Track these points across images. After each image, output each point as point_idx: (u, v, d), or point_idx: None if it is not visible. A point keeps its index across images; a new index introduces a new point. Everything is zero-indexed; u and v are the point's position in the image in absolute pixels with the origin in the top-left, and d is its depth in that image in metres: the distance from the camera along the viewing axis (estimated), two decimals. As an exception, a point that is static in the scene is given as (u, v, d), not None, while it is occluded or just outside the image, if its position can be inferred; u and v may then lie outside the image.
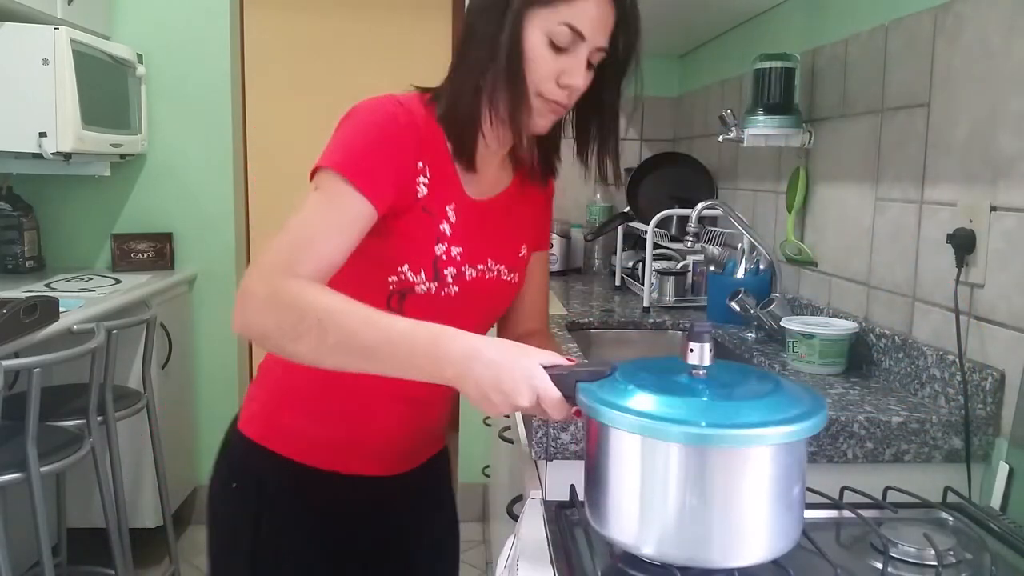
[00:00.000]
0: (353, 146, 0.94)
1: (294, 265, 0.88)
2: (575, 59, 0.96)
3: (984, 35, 1.14)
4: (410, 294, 1.00)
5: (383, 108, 0.97)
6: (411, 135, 0.97)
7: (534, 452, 1.12)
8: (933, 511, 0.97)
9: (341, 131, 0.97)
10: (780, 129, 1.66)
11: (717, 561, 0.74)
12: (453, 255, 1.02)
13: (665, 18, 2.15)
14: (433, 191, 1.00)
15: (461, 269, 1.03)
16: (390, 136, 0.95)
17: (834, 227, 1.60)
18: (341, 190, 0.92)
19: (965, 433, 1.12)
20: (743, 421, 0.71)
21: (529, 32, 0.94)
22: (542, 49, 0.95)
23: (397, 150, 0.96)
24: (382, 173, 0.94)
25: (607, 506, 0.78)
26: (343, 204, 0.92)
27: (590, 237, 2.65)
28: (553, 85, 0.96)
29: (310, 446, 1.08)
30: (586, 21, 0.94)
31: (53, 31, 2.23)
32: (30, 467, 1.77)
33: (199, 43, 2.83)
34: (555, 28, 0.94)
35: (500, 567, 0.94)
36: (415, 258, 0.99)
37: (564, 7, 0.93)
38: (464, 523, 1.43)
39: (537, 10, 0.94)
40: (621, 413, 0.73)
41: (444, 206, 1.01)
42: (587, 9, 0.94)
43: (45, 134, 2.23)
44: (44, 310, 1.89)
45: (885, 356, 1.36)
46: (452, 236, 1.02)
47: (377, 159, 0.94)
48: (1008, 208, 1.09)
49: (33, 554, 2.11)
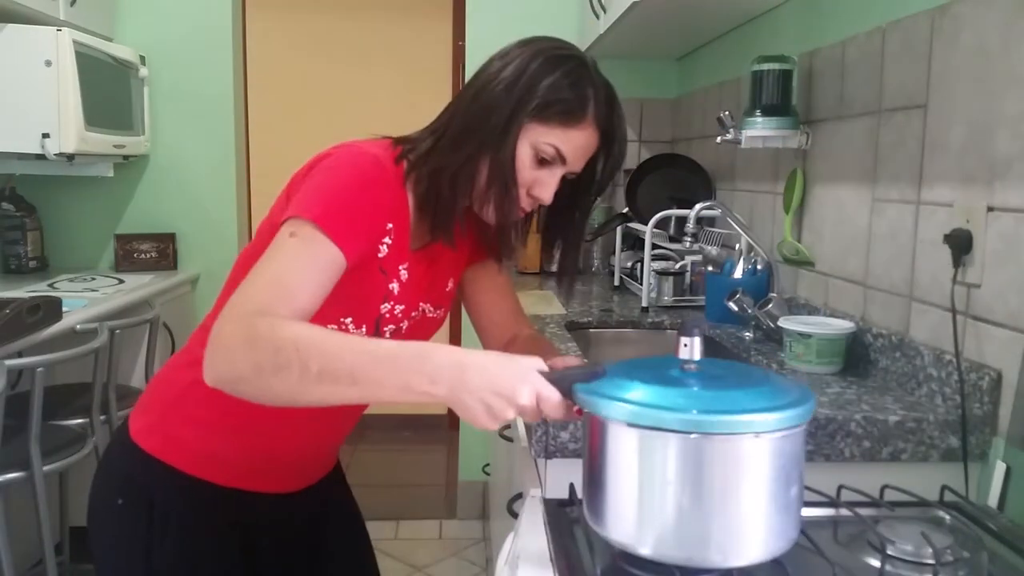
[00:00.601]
0: (334, 198, 0.93)
1: (268, 309, 0.84)
2: (551, 177, 1.00)
3: (981, 37, 1.15)
4: None
5: (363, 163, 0.96)
6: (387, 197, 0.98)
7: (534, 450, 1.13)
8: (930, 509, 0.98)
9: (320, 180, 0.95)
10: (777, 130, 1.67)
11: (716, 560, 0.75)
12: (396, 312, 1.03)
13: (664, 20, 2.15)
14: (392, 252, 1.00)
15: (399, 325, 1.05)
16: (369, 195, 0.95)
17: (831, 227, 1.60)
18: (317, 239, 0.90)
19: (962, 432, 1.12)
20: (735, 407, 0.72)
21: (520, 143, 0.97)
22: (527, 161, 0.98)
23: (373, 209, 0.96)
24: (358, 229, 0.94)
25: (606, 506, 0.79)
26: (319, 254, 0.90)
27: (589, 237, 2.66)
28: (524, 195, 1.00)
29: (208, 461, 1.05)
30: (572, 149, 0.98)
31: (56, 33, 2.24)
32: (33, 466, 1.78)
33: (202, 44, 2.84)
34: (543, 146, 0.97)
35: (500, 564, 0.95)
36: (359, 314, 0.99)
37: (559, 131, 0.97)
38: (464, 520, 1.44)
39: (534, 124, 0.97)
40: (618, 403, 0.74)
41: (398, 266, 1.02)
42: (577, 139, 0.98)
43: (48, 135, 2.24)
44: (47, 310, 1.90)
45: (882, 356, 1.37)
46: (399, 295, 1.02)
47: (355, 215, 0.93)
48: (1005, 208, 1.10)
49: (36, 552, 2.12)
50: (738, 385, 0.77)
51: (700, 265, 2.10)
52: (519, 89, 0.96)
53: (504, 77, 0.97)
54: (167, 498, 1.05)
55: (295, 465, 1.13)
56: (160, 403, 1.08)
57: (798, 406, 0.74)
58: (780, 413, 0.73)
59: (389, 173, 0.99)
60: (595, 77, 1.00)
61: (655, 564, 0.78)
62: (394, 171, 1.00)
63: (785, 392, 0.77)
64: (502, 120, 0.96)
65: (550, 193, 1.00)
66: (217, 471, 1.05)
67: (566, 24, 2.76)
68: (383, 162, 0.98)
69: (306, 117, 3.83)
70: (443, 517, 3.02)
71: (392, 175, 0.99)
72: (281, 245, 0.90)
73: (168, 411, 1.07)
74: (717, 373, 0.80)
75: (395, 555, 2.74)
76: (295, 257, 0.89)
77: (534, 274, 2.73)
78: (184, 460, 1.05)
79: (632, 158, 2.82)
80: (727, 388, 0.76)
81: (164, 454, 1.05)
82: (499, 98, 0.96)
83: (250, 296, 0.85)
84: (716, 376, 0.79)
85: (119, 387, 2.24)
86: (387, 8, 3.90)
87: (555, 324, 1.81)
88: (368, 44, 3.89)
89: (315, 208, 0.91)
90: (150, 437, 1.06)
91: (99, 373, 2.04)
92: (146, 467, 1.05)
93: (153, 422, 1.07)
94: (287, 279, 0.87)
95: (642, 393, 0.75)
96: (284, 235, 0.91)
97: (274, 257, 0.89)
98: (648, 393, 0.75)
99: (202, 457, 1.05)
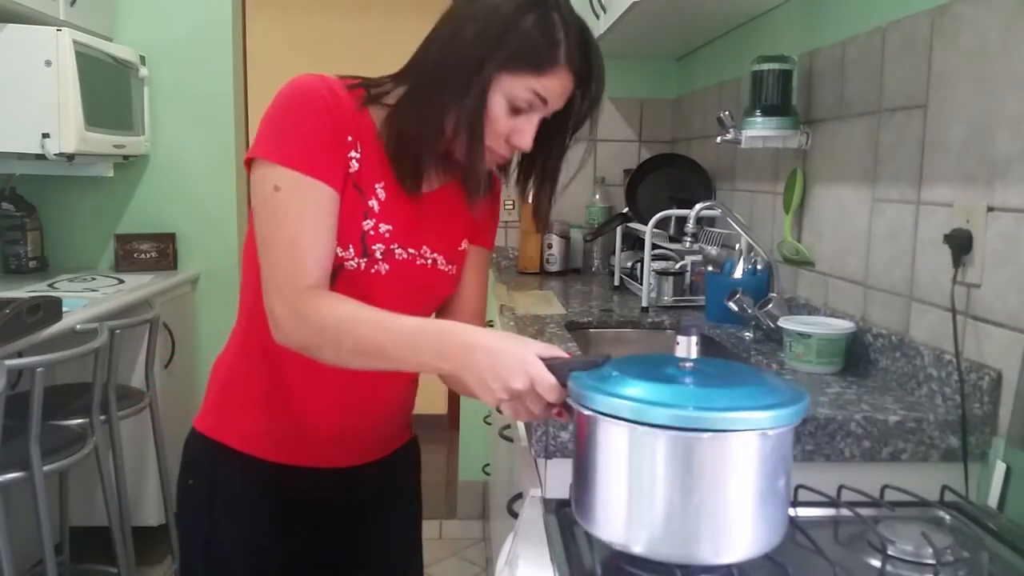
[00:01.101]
0: (295, 133, 0.94)
1: (299, 279, 0.92)
2: (529, 123, 0.99)
3: (982, 36, 1.15)
4: (340, 271, 1.00)
5: (309, 85, 0.96)
6: (337, 109, 0.97)
7: (534, 450, 1.13)
8: (931, 509, 0.98)
9: (275, 117, 0.96)
10: (778, 130, 1.67)
11: (707, 557, 0.75)
12: (381, 232, 1.02)
13: (663, 20, 2.15)
14: (364, 167, 1.00)
15: (390, 247, 1.03)
16: (322, 112, 0.95)
17: (831, 227, 1.60)
18: (304, 184, 0.93)
19: (962, 432, 1.12)
20: (729, 405, 0.73)
21: (492, 94, 0.96)
22: (501, 112, 0.97)
23: (331, 126, 0.96)
24: (328, 153, 0.96)
25: (596, 505, 0.79)
26: (312, 199, 0.94)
27: (589, 237, 2.66)
28: (503, 144, 1.00)
29: (257, 436, 1.08)
30: (550, 90, 0.97)
31: (56, 32, 2.24)
32: (33, 466, 1.78)
33: (201, 44, 2.84)
34: (519, 94, 0.96)
35: (500, 564, 0.95)
36: (343, 233, 0.99)
37: (531, 79, 0.95)
38: (464, 520, 1.43)
39: (505, 76, 0.95)
40: (610, 398, 0.75)
41: (374, 184, 1.02)
42: (550, 84, 0.96)
43: (48, 135, 2.24)
44: (47, 310, 1.90)
45: (882, 356, 1.37)
46: (380, 213, 1.02)
47: (320, 140, 0.95)
48: (1005, 208, 1.10)
49: (36, 552, 2.12)
50: (733, 384, 0.77)
51: (700, 265, 2.10)
52: (487, 41, 0.94)
53: (468, 32, 0.95)
54: (226, 477, 1.09)
55: (338, 435, 1.12)
56: (213, 386, 1.14)
57: (792, 405, 0.74)
58: (775, 411, 0.73)
59: (342, 96, 0.98)
60: (567, 18, 0.97)
61: (655, 564, 0.78)
62: (348, 96, 0.99)
63: (780, 391, 0.77)
64: (471, 75, 0.94)
65: (529, 140, 0.99)
66: (267, 447, 1.08)
67: (566, 24, 2.76)
68: (334, 86, 0.98)
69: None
70: (443, 517, 3.02)
71: (347, 99, 0.99)
72: (274, 203, 0.93)
73: (219, 392, 1.12)
74: (712, 372, 0.80)
75: (395, 555, 2.74)
76: (296, 214, 0.93)
77: (534, 274, 2.74)
78: (236, 438, 1.09)
79: (632, 158, 2.83)
80: (722, 386, 0.76)
81: (219, 433, 1.10)
82: (466, 53, 0.95)
83: (276, 267, 0.93)
84: (711, 374, 0.79)
85: (119, 387, 2.24)
86: (387, 8, 3.90)
87: (555, 324, 1.81)
88: (368, 44, 3.88)
89: (285, 147, 0.93)
90: (206, 418, 1.12)
91: (99, 373, 2.04)
92: (205, 449, 1.10)
93: (209, 405, 1.13)
94: (300, 240, 0.93)
95: (636, 388, 0.75)
96: (268, 189, 0.94)
97: (276, 220, 0.94)
98: (642, 388, 0.75)
99: (252, 434, 1.08)
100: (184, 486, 1.14)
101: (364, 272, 1.01)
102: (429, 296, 1.13)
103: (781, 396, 0.76)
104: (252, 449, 1.09)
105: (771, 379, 0.81)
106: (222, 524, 1.09)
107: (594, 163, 2.86)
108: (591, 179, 2.84)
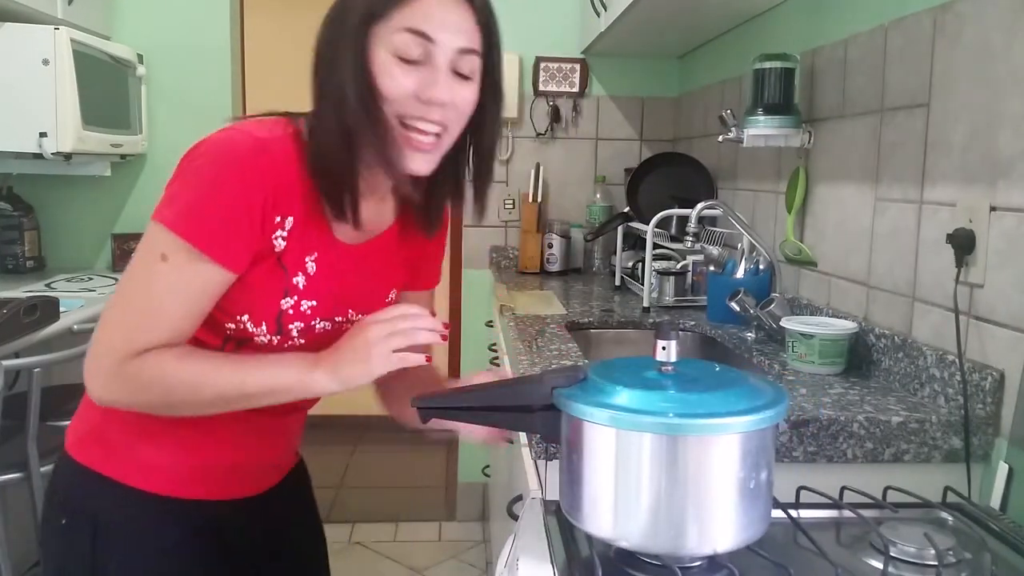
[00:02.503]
0: (200, 205, 0.84)
1: (142, 343, 0.85)
2: (432, 68, 0.85)
3: (984, 35, 1.14)
4: (248, 343, 0.93)
5: (233, 154, 0.85)
6: (265, 187, 0.86)
7: (533, 452, 1.13)
8: (933, 511, 0.97)
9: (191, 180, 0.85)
10: (780, 129, 1.66)
11: (692, 548, 0.76)
12: (303, 309, 0.94)
13: (665, 18, 2.15)
14: (293, 243, 0.90)
15: (310, 324, 0.95)
16: (241, 189, 0.84)
17: (834, 227, 1.60)
18: (195, 263, 0.84)
19: (965, 433, 1.12)
20: (709, 411, 0.74)
21: (374, 52, 0.85)
22: (391, 66, 0.85)
23: (249, 206, 0.85)
24: (238, 239, 0.85)
25: (583, 501, 0.80)
26: (199, 281, 0.85)
27: (590, 237, 2.65)
28: (413, 103, 0.86)
29: (147, 470, 0.96)
30: (428, 20, 0.84)
31: (53, 31, 2.23)
32: (31, 466, 1.77)
33: (200, 43, 2.83)
34: (398, 38, 0.84)
35: (500, 566, 0.94)
36: (257, 311, 0.91)
37: (399, 12, 0.84)
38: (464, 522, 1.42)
39: (376, 26, 0.85)
40: (596, 408, 0.76)
41: (304, 258, 0.92)
42: (425, 7, 0.84)
43: (45, 134, 2.23)
44: (45, 310, 1.89)
45: (885, 356, 1.36)
46: (305, 290, 0.93)
47: (231, 223, 0.84)
48: (1008, 208, 1.09)
49: (33, 553, 2.11)
50: (713, 387, 0.79)
51: (702, 265, 2.10)
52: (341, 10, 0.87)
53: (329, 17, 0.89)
54: (109, 513, 0.97)
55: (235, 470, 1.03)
56: (93, 411, 1.00)
57: (771, 408, 0.76)
58: (754, 415, 0.75)
59: (275, 154, 0.86)
60: None
61: (656, 566, 0.79)
62: (285, 152, 0.87)
63: (759, 393, 0.79)
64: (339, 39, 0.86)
65: (440, 87, 0.85)
66: (156, 480, 0.97)
67: (567, 22, 2.75)
68: (267, 145, 0.86)
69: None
70: (443, 519, 3.02)
71: (281, 157, 0.87)
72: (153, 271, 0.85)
73: (100, 420, 0.99)
74: (693, 375, 0.82)
75: (394, 557, 2.73)
76: (170, 293, 0.85)
77: (534, 274, 2.73)
78: (122, 470, 0.97)
79: (633, 157, 2.82)
80: (702, 391, 0.78)
81: (101, 465, 0.97)
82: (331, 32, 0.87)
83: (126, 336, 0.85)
84: (692, 378, 0.81)
85: (117, 387, 2.23)
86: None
87: (555, 324, 1.81)
88: (367, 43, 3.88)
89: (187, 221, 0.84)
90: (84, 448, 0.99)
91: (97, 373, 2.03)
92: (85, 481, 0.98)
93: (87, 433, 1.00)
94: (159, 319, 0.86)
95: (620, 396, 0.77)
96: (155, 253, 0.85)
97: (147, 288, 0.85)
98: (626, 396, 0.77)
99: (139, 466, 0.97)
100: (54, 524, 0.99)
101: (276, 347, 0.94)
102: None
103: (761, 398, 0.77)
104: (140, 483, 0.97)
105: (751, 380, 0.83)
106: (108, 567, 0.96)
107: (595, 162, 2.85)
108: (592, 178, 2.84)
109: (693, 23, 2.23)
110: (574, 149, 2.84)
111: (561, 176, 2.84)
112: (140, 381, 0.86)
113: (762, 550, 0.79)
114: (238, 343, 0.94)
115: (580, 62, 2.77)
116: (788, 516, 0.90)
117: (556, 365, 1.45)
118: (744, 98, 1.85)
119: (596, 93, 2.81)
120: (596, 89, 2.81)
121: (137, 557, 0.97)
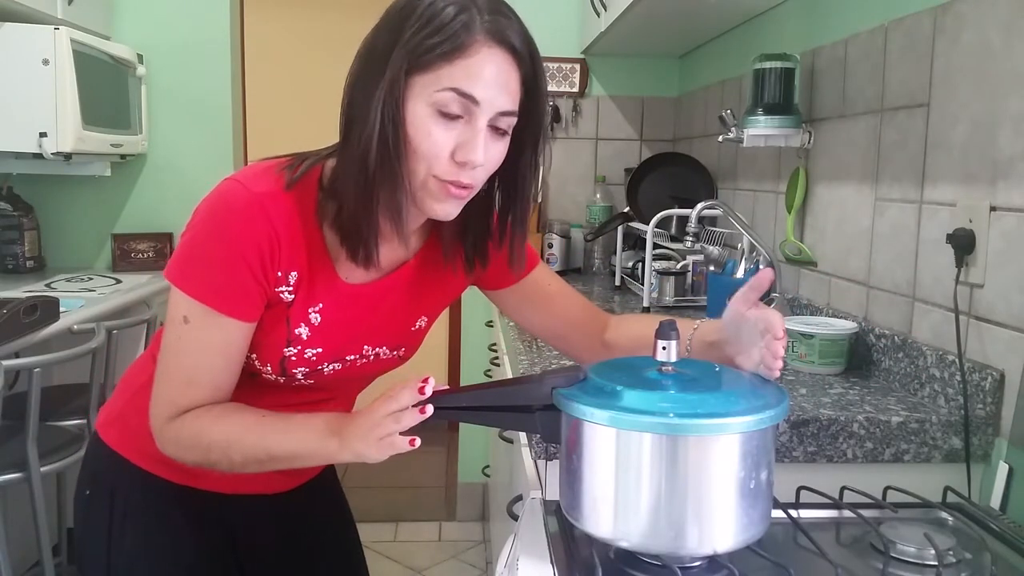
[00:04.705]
0: (211, 268, 0.86)
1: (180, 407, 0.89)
2: (472, 129, 0.82)
3: (984, 35, 1.14)
4: (259, 376, 0.96)
5: (226, 210, 0.85)
6: (259, 243, 0.85)
7: (534, 452, 1.13)
8: (933, 511, 0.97)
9: (195, 239, 0.87)
10: (780, 129, 1.66)
11: (692, 548, 0.77)
12: (307, 356, 0.94)
13: (665, 18, 2.15)
14: (301, 294, 0.91)
15: (316, 368, 0.96)
16: (234, 248, 0.85)
17: (834, 227, 1.60)
18: (213, 321, 0.86)
19: (965, 433, 1.12)
20: (710, 411, 0.75)
21: (412, 105, 0.81)
22: (429, 122, 0.81)
23: (252, 264, 0.86)
24: (245, 295, 0.87)
25: (583, 502, 0.80)
26: (221, 336, 0.88)
27: (590, 237, 2.65)
28: (448, 163, 0.82)
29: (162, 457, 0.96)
30: (475, 82, 0.80)
31: (53, 31, 2.23)
32: (30, 467, 1.77)
33: (199, 43, 2.83)
34: (440, 96, 0.80)
35: (500, 567, 0.94)
36: (262, 353, 0.93)
37: (446, 69, 0.79)
38: (464, 522, 1.42)
39: (416, 77, 0.80)
40: (596, 409, 0.77)
41: (307, 310, 0.92)
42: (473, 67, 0.80)
43: (45, 134, 2.23)
44: (44, 310, 1.89)
45: (885, 356, 1.36)
46: (309, 340, 0.93)
47: (235, 280, 0.86)
48: (1008, 208, 1.09)
49: (33, 554, 2.12)
50: (713, 387, 0.79)
51: (702, 265, 2.09)
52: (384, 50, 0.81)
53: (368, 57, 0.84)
54: (126, 492, 1.03)
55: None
56: (123, 396, 1.06)
57: (771, 408, 0.76)
58: (755, 416, 0.75)
59: (271, 211, 0.85)
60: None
61: (656, 566, 0.79)
62: (283, 206, 0.86)
63: (759, 394, 0.79)
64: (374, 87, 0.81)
65: (478, 149, 0.82)
66: (169, 467, 1.00)
67: (566, 22, 2.75)
68: (263, 200, 0.85)
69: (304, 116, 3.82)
70: (443, 519, 3.01)
71: (277, 212, 0.86)
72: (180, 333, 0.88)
73: (128, 404, 1.04)
74: (693, 375, 0.82)
75: (394, 557, 2.73)
76: (198, 351, 0.88)
77: (534, 274, 2.72)
78: (139, 455, 1.01)
79: (633, 157, 2.82)
80: (702, 391, 0.78)
81: (121, 447, 1.03)
82: (366, 78, 0.82)
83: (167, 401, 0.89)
84: (692, 378, 0.81)
85: (117, 387, 2.23)
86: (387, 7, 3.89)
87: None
88: (367, 43, 3.88)
89: (198, 281, 0.86)
90: (111, 429, 1.05)
91: (96, 374, 2.03)
92: (108, 460, 1.03)
93: (115, 415, 1.05)
94: (197, 377, 0.89)
95: (620, 397, 0.77)
96: (178, 316, 0.88)
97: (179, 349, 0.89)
98: (626, 397, 0.77)
99: (154, 453, 0.96)
100: (80, 495, 1.06)
101: (284, 385, 0.97)
102: (367, 378, 1.06)
103: (761, 399, 0.78)
104: (155, 468, 1.01)
105: (751, 380, 0.83)
106: (122, 542, 1.02)
107: (595, 162, 2.85)
108: (592, 178, 2.84)
109: (693, 23, 2.23)
110: (574, 149, 2.84)
111: (561, 176, 2.84)
112: (181, 443, 0.89)
113: (762, 550, 0.79)
114: (252, 376, 0.96)
115: (580, 62, 2.77)
116: (788, 516, 0.91)
117: (556, 365, 1.45)
118: (744, 98, 1.85)
119: (596, 93, 2.81)
120: (596, 89, 2.81)
121: (149, 536, 1.02)
